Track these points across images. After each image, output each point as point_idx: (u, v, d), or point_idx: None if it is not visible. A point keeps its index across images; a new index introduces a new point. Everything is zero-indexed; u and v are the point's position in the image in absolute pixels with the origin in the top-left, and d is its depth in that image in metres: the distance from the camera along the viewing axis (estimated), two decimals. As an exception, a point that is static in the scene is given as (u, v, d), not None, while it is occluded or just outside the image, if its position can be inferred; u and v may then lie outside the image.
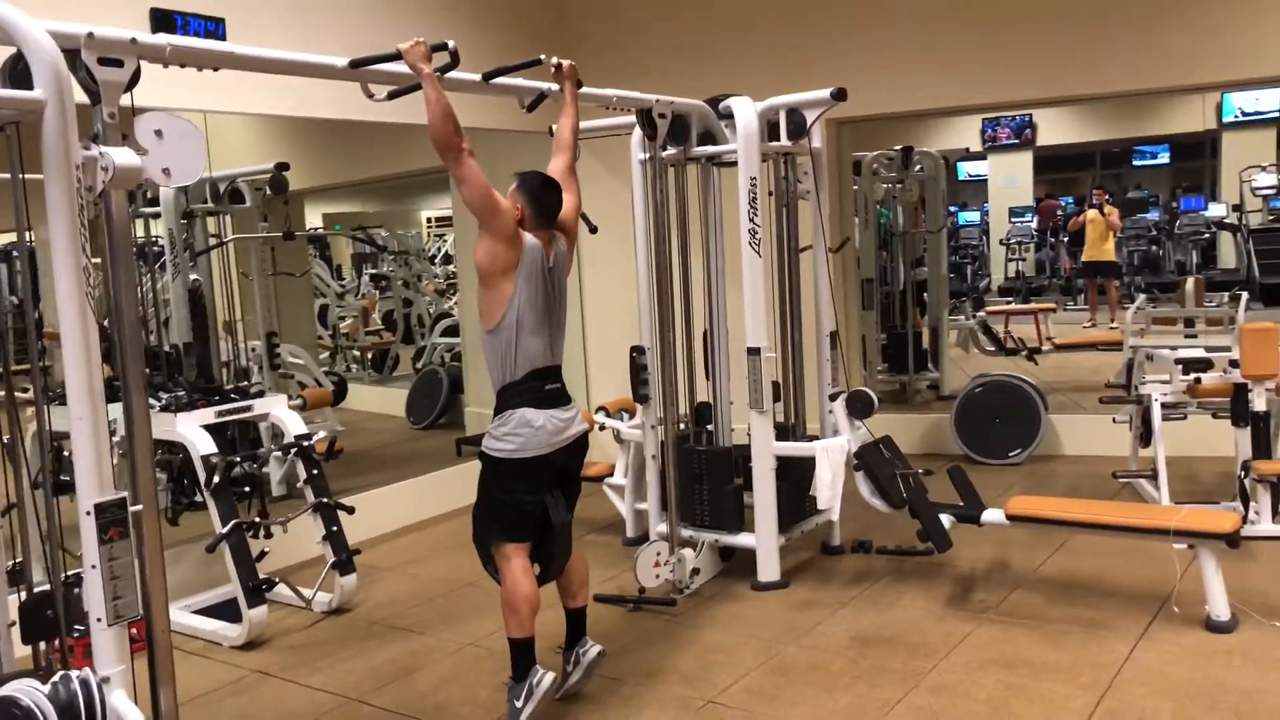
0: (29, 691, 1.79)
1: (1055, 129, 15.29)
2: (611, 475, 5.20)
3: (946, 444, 6.38)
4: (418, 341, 10.15)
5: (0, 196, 2.46)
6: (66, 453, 3.38)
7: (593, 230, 4.27)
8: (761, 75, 5.74)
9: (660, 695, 3.37)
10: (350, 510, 4.40)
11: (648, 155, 4.33)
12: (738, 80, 4.91)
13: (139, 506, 2.20)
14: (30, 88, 2.10)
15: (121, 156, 2.25)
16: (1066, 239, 14.88)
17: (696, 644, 3.77)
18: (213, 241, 6.05)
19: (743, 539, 4.38)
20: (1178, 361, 4.82)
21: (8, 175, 2.33)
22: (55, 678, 1.84)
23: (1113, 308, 11.88)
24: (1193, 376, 4.72)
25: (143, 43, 2.44)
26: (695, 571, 4.29)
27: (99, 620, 2.09)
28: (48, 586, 2.36)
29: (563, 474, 3.28)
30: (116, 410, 2.39)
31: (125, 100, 2.43)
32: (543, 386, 3.17)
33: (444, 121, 2.95)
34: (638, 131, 4.39)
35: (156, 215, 5.72)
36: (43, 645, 2.44)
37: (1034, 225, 15.79)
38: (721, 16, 6.38)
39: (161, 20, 4.27)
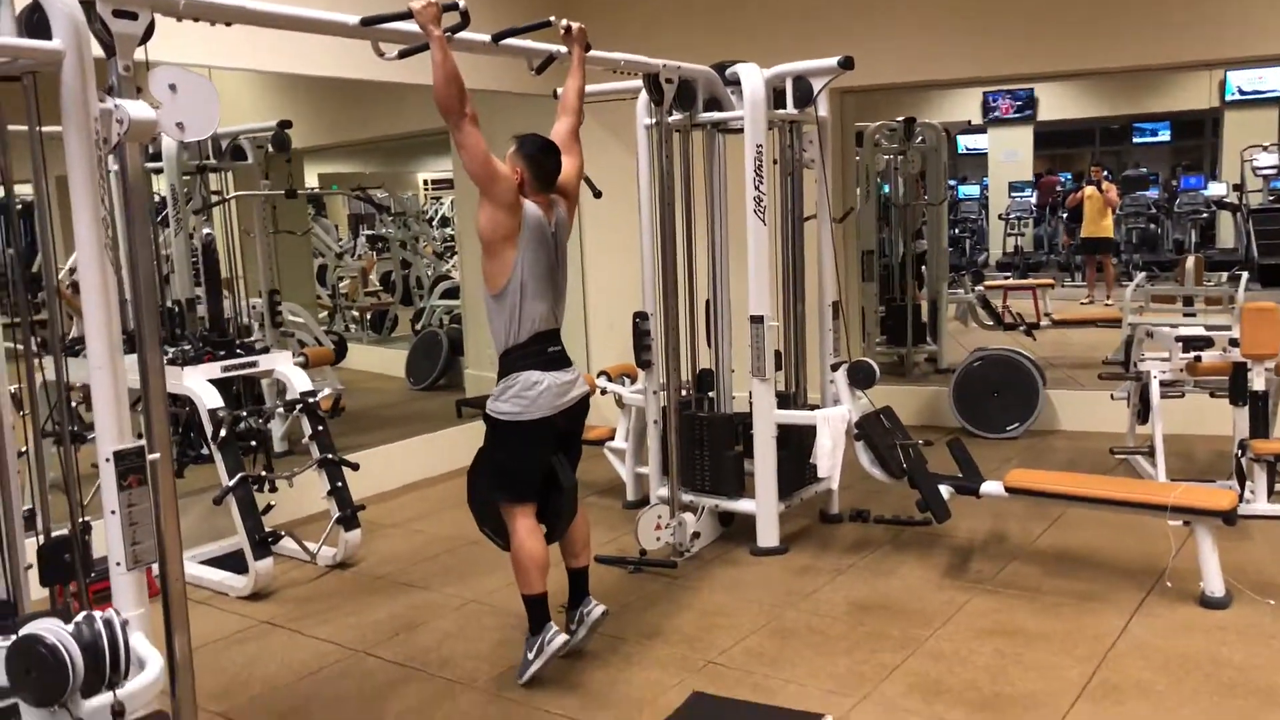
0: (54, 630, 1.82)
1: (1056, 104, 15.25)
2: (613, 439, 5.24)
3: (944, 417, 6.42)
4: (416, 303, 10.15)
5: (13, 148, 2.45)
6: (75, 403, 3.42)
7: (597, 195, 4.28)
8: (765, 42, 5.74)
9: (661, 655, 3.42)
10: (355, 466, 4.44)
11: (653, 120, 4.32)
12: (742, 46, 4.90)
13: (156, 455, 2.23)
14: (46, 38, 2.09)
15: (137, 109, 2.25)
16: (1065, 215, 14.89)
17: (696, 606, 3.83)
18: (215, 199, 6.03)
19: (743, 504, 4.43)
20: (1179, 339, 4.86)
21: (22, 127, 2.34)
22: (79, 618, 1.87)
23: (1109, 285, 11.91)
24: (1193, 354, 4.76)
25: (158, -6, 2.43)
26: (695, 535, 4.34)
27: (118, 564, 2.12)
28: (63, 531, 2.39)
29: (565, 436, 3.32)
30: (130, 362, 2.41)
31: (139, 54, 2.43)
32: (545, 349, 3.20)
33: (448, 85, 2.96)
34: (643, 96, 4.39)
35: (158, 171, 5.70)
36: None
37: (1033, 200, 15.79)
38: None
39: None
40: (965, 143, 16.77)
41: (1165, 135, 16.78)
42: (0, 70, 2.19)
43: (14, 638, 1.83)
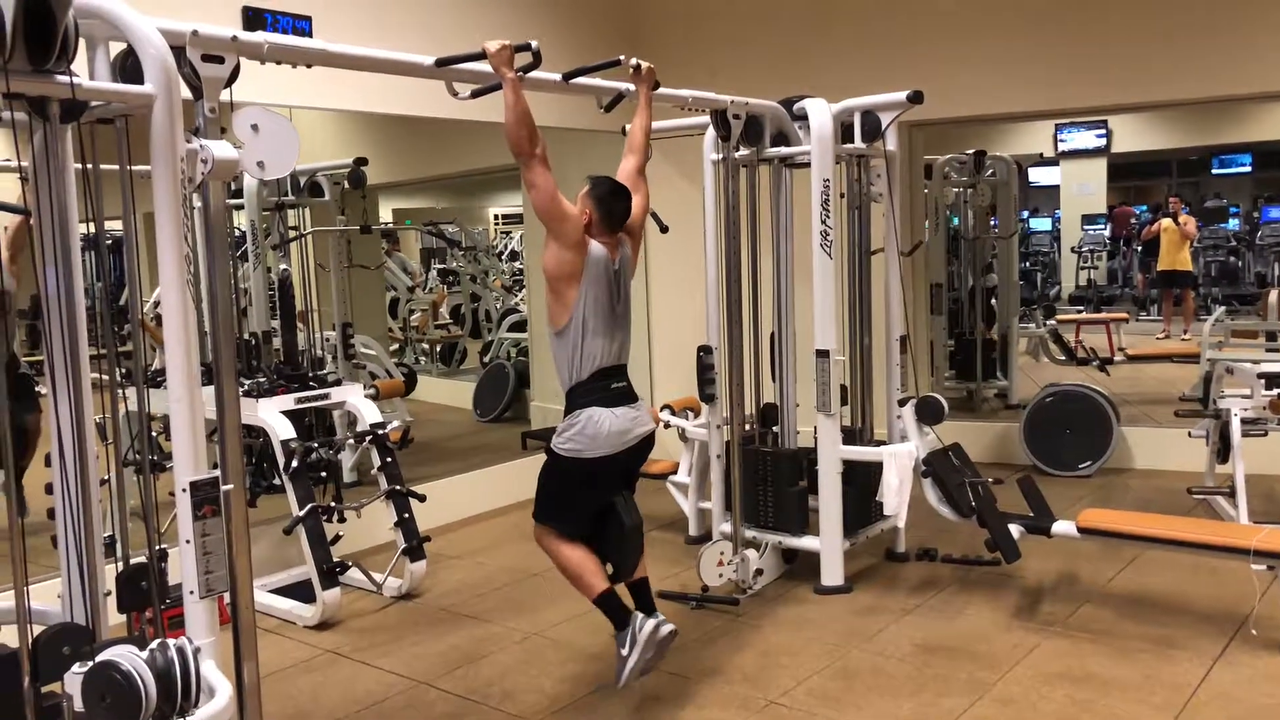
0: (128, 657, 1.87)
1: (1131, 135, 14.95)
2: (675, 473, 5.23)
3: (1014, 454, 6.30)
4: (485, 336, 10.28)
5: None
6: (156, 434, 3.53)
7: (663, 230, 4.31)
8: (833, 77, 5.74)
9: (722, 694, 3.39)
10: (421, 498, 4.49)
11: (720, 156, 4.34)
12: (810, 81, 4.90)
13: (229, 486, 2.28)
14: (138, 83, 2.18)
15: (220, 149, 2.34)
16: (1140, 248, 14.58)
17: (759, 644, 3.79)
18: (292, 234, 6.20)
19: (806, 542, 4.38)
20: (1261, 375, 4.71)
21: (113, 166, 2.44)
22: (153, 645, 1.92)
23: (1187, 319, 11.61)
24: (1276, 391, 4.61)
25: (243, 40, 2.52)
26: (759, 572, 4.30)
27: (191, 593, 2.18)
28: (140, 559, 2.46)
29: (625, 473, 3.32)
30: (206, 394, 2.48)
31: (224, 96, 2.52)
32: (609, 385, 3.21)
33: (518, 126, 3.03)
34: (711, 132, 4.41)
35: (239, 207, 5.88)
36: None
37: (1107, 233, 15.48)
38: (792, 17, 6.37)
39: (253, 18, 4.42)
40: (1037, 175, 16.52)
41: (1246, 166, 16.35)
42: (95, 113, 2.29)
43: (91, 664, 1.88)
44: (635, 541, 3.30)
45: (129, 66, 2.25)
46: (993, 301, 8.00)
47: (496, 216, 14.64)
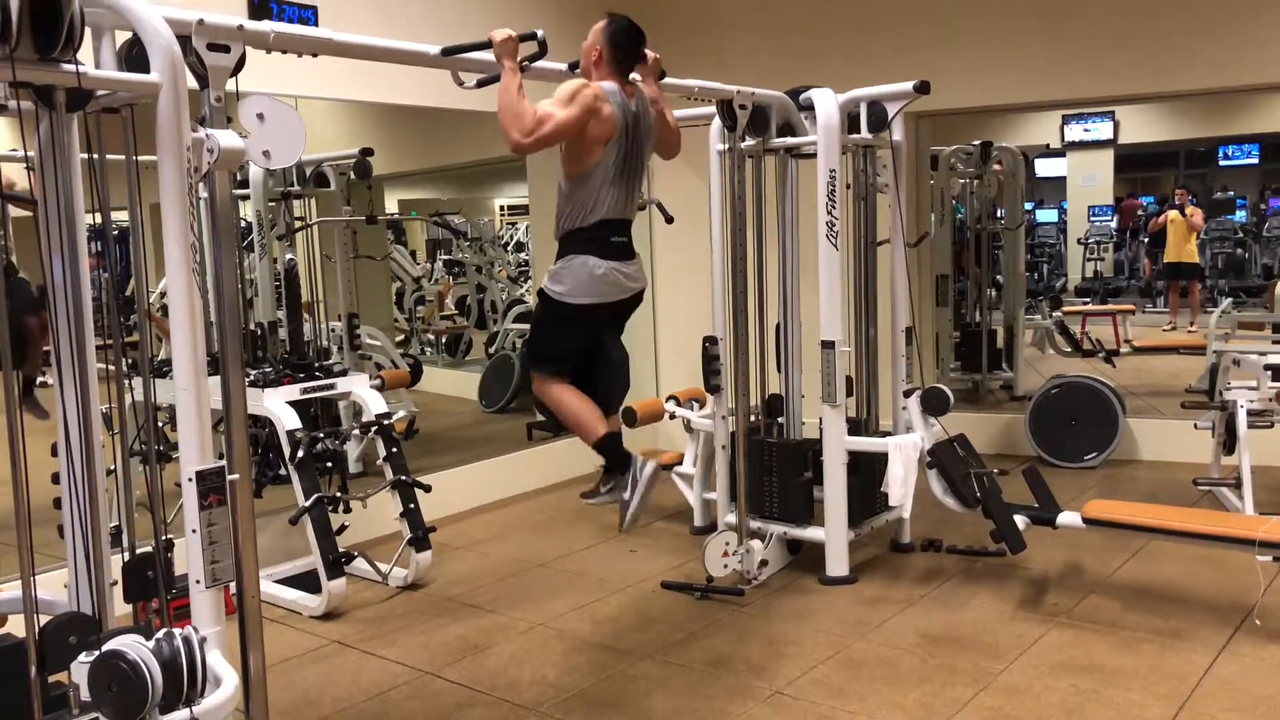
0: (134, 647, 1.87)
1: (1139, 126, 14.92)
2: (681, 464, 5.23)
3: (1020, 445, 6.29)
4: (490, 327, 10.28)
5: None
6: (162, 424, 3.53)
7: (669, 220, 4.31)
8: (840, 67, 5.73)
9: (727, 683, 3.39)
10: (427, 489, 4.49)
11: (726, 146, 4.33)
12: (817, 71, 4.88)
13: (235, 475, 2.29)
14: (144, 71, 2.18)
15: (226, 139, 2.33)
16: (1147, 239, 14.54)
17: (764, 635, 3.79)
18: (298, 224, 6.20)
19: (811, 532, 4.39)
20: (1268, 367, 4.70)
21: (119, 156, 2.44)
22: (159, 635, 1.92)
23: (1194, 311, 11.59)
24: (1282, 383, 4.60)
25: (249, 29, 2.52)
26: (763, 563, 4.30)
27: (198, 582, 2.18)
28: (146, 549, 2.46)
29: (615, 318, 3.40)
30: (212, 384, 2.48)
31: (230, 85, 2.52)
32: (609, 237, 3.25)
33: (502, 113, 3.04)
34: (717, 122, 4.40)
35: (245, 197, 5.88)
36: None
37: (1113, 225, 15.44)
38: (799, 7, 6.35)
39: (259, 6, 4.42)
40: (1043, 167, 16.48)
41: (1254, 158, 16.29)
42: (101, 103, 2.29)
43: (97, 654, 1.89)
44: (621, 376, 3.39)
45: (135, 55, 2.24)
46: (987, 290, 7.96)
47: (502, 207, 14.63)
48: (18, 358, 2.29)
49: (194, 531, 2.18)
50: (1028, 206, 13.58)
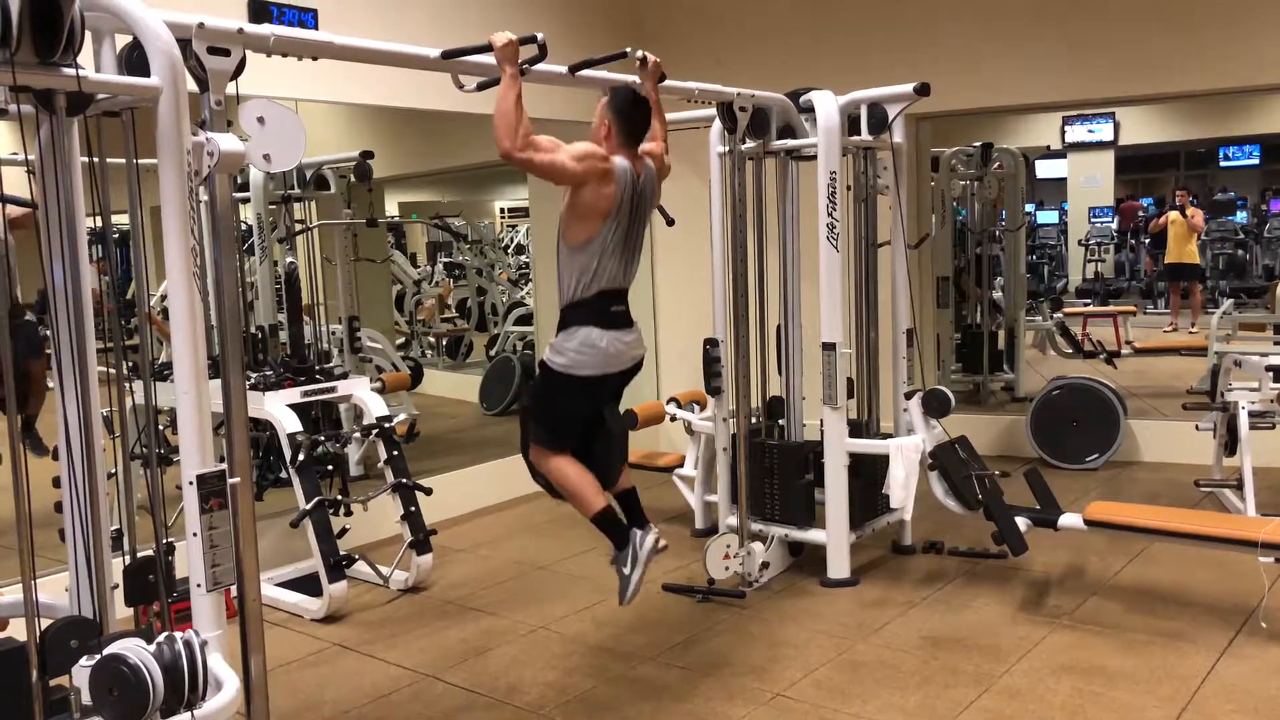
0: (136, 650, 1.87)
1: (1139, 128, 14.90)
2: (682, 466, 5.22)
3: (1021, 447, 6.29)
4: (491, 329, 10.28)
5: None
6: (163, 427, 3.53)
7: (669, 223, 4.28)
8: (840, 69, 5.72)
9: (729, 686, 3.39)
10: (428, 491, 4.49)
11: (727, 148, 4.34)
12: (817, 73, 4.88)
13: (236, 479, 2.29)
14: (145, 75, 2.18)
15: (227, 142, 2.33)
16: (1148, 240, 14.53)
17: (765, 637, 3.79)
18: (298, 227, 6.20)
19: (813, 535, 4.38)
20: (1269, 368, 4.69)
21: (119, 160, 2.44)
22: (160, 638, 1.92)
23: (1195, 312, 11.58)
24: (1284, 384, 4.59)
25: (249, 33, 2.52)
26: (764, 565, 4.30)
27: (199, 585, 2.18)
28: (147, 552, 2.46)
29: (616, 391, 3.38)
30: (213, 388, 2.48)
31: (230, 89, 2.52)
32: (609, 307, 3.23)
33: (499, 119, 3.00)
34: (717, 124, 4.40)
35: (245, 200, 5.88)
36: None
37: (1114, 226, 15.43)
38: (799, 9, 6.35)
39: (259, 10, 4.42)
40: (1044, 168, 16.47)
41: (1254, 159, 16.28)
42: (102, 106, 2.29)
43: (98, 657, 1.89)
44: (620, 448, 3.37)
45: (135, 59, 2.24)
46: (984, 289, 7.96)
47: (503, 210, 14.62)
48: (21, 402, 2.30)
49: (195, 535, 2.18)
50: (1028, 208, 13.58)
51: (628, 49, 3.48)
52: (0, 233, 2.15)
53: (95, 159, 2.37)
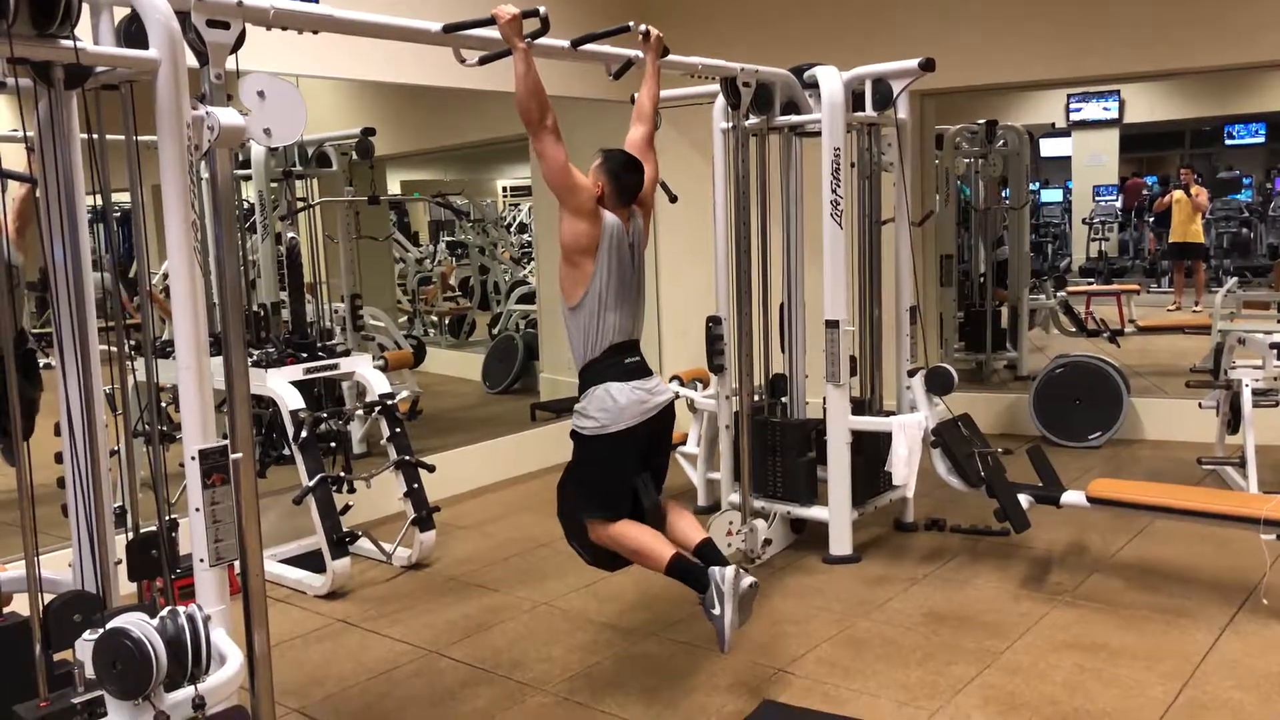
0: (139, 624, 1.87)
1: (1144, 106, 14.80)
2: (684, 444, 5.23)
3: (1024, 425, 6.28)
4: (493, 308, 10.28)
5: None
6: (165, 404, 3.53)
7: (672, 200, 4.27)
8: (844, 44, 5.69)
9: (732, 662, 3.40)
10: (431, 468, 4.50)
11: (730, 124, 4.31)
12: (821, 49, 4.85)
13: (239, 454, 2.28)
14: (143, 48, 2.16)
15: (227, 116, 2.31)
16: (1152, 219, 14.48)
17: (767, 614, 3.79)
18: (300, 205, 6.18)
19: (815, 512, 4.39)
20: (1272, 346, 4.68)
21: (118, 136, 2.43)
22: (163, 613, 1.92)
23: (1199, 290, 11.54)
24: (1288, 362, 4.58)
25: (248, 5, 2.49)
26: (767, 542, 4.30)
27: (201, 561, 2.18)
28: (151, 528, 2.47)
29: (651, 447, 3.26)
30: (215, 364, 2.48)
31: (230, 63, 2.50)
32: (623, 361, 3.19)
33: (529, 98, 3.01)
34: (720, 100, 4.38)
35: (247, 177, 5.86)
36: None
37: (1118, 204, 15.37)
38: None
39: (259, -17, 4.36)
40: (1049, 146, 16.38)
41: (1259, 137, 16.18)
42: (100, 80, 2.28)
43: (101, 631, 1.89)
44: (654, 523, 3.23)
45: (133, 31, 2.22)
46: (989, 270, 7.93)
47: (505, 188, 14.58)
48: (27, 429, 2.31)
49: (197, 510, 2.18)
50: (1033, 186, 13.52)
51: (630, 23, 3.46)
52: (6, 256, 2.13)
53: (94, 135, 2.35)
